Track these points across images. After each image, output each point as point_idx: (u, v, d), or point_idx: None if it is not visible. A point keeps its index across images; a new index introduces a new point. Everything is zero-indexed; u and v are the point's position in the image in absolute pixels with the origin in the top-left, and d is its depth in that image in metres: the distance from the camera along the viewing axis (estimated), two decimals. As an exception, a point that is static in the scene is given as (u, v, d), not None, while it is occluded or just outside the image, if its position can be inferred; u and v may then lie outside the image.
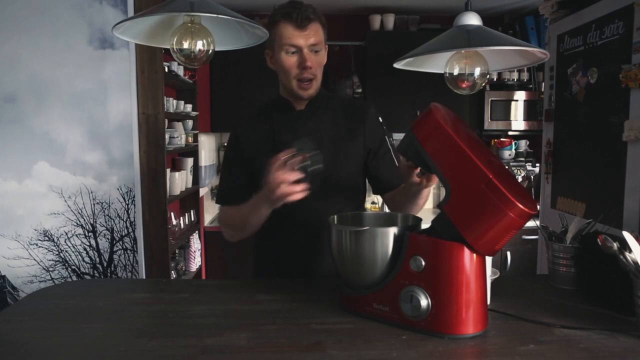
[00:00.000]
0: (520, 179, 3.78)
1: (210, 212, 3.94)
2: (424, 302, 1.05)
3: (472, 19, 1.48)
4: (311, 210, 1.44)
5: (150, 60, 2.51)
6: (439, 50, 1.49)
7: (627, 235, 1.09)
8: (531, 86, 3.80)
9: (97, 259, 2.61)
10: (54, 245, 2.59)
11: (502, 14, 3.95)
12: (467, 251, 1.03)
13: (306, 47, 1.42)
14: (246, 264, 1.71)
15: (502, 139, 3.88)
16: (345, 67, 3.85)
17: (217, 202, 1.63)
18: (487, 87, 3.74)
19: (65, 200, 2.57)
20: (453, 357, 0.97)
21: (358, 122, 1.55)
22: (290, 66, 1.44)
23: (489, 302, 1.15)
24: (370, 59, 3.70)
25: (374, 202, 3.88)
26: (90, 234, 2.59)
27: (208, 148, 3.61)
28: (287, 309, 1.21)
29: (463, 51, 1.58)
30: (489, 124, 3.75)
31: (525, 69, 3.74)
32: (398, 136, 1.28)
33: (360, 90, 3.79)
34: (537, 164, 3.75)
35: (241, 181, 1.57)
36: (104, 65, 2.52)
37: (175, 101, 2.90)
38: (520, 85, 3.80)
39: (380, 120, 1.58)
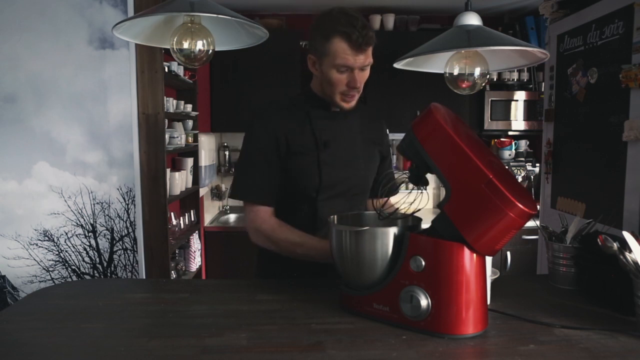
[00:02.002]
0: (520, 179, 3.77)
1: (210, 212, 3.94)
2: (424, 302, 1.05)
3: (472, 19, 1.49)
4: (341, 210, 1.44)
5: (150, 60, 2.51)
6: (439, 50, 1.50)
7: (627, 235, 1.09)
8: (531, 86, 3.80)
9: (97, 259, 2.61)
10: (54, 245, 2.59)
11: (502, 14, 3.95)
12: (467, 251, 1.03)
13: (358, 67, 1.38)
14: (246, 264, 1.71)
15: (502, 139, 3.88)
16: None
17: (246, 198, 1.48)
18: (487, 87, 3.74)
19: (65, 200, 2.57)
20: (453, 357, 0.97)
21: (378, 129, 1.62)
22: (338, 82, 1.40)
23: (489, 302, 1.15)
24: (370, 59, 3.69)
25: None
26: (90, 234, 2.59)
27: (208, 148, 3.61)
28: (287, 309, 1.21)
29: (463, 51, 1.58)
30: (489, 124, 3.75)
31: (525, 69, 3.74)
32: (398, 136, 1.28)
33: (360, 90, 3.79)
34: (537, 164, 3.75)
35: (276, 180, 1.48)
36: (104, 65, 2.52)
37: (175, 101, 2.90)
38: (520, 85, 3.80)
39: (387, 130, 1.67)
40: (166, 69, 2.62)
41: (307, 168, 1.47)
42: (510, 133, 3.85)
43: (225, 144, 4.01)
